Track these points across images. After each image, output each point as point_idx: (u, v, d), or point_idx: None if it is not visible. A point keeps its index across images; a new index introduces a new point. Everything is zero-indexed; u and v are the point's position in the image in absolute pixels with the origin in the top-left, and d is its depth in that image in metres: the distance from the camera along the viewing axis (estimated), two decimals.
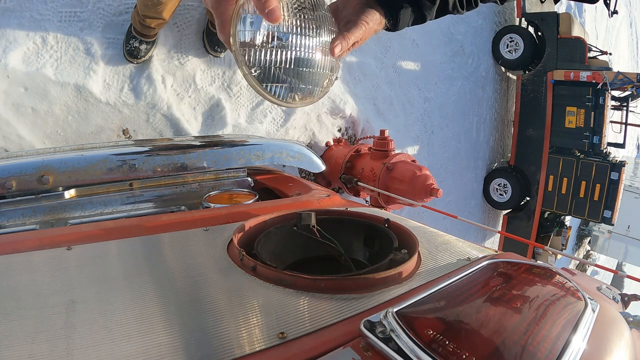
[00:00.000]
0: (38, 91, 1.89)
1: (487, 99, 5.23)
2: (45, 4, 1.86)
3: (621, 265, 9.93)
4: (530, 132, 5.24)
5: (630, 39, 12.54)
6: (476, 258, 0.76)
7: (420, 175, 2.35)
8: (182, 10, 2.23)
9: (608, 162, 4.83)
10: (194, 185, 1.24)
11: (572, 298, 0.64)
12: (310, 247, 0.81)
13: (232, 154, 1.26)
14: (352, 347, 0.47)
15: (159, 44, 2.18)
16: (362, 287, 0.62)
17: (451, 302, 0.57)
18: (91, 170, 1.08)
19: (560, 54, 4.94)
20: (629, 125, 5.28)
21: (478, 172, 5.37)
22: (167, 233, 0.81)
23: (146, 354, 0.45)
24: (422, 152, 4.24)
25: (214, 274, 0.65)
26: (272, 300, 0.58)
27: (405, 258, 0.71)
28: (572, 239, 7.49)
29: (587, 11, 7.92)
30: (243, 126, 2.59)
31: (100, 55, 2.02)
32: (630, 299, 0.92)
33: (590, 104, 4.73)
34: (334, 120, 3.21)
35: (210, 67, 2.42)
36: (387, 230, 0.81)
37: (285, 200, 1.13)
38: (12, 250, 0.70)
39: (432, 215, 3.62)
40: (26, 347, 0.46)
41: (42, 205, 1.04)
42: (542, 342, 0.50)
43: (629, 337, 0.61)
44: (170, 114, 2.28)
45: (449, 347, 0.45)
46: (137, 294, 0.58)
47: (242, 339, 0.49)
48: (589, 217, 5.09)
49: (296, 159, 1.39)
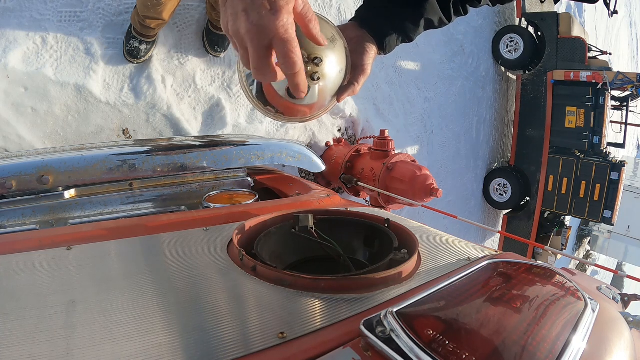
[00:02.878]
0: (38, 91, 1.89)
1: (487, 99, 5.23)
2: (45, 4, 1.86)
3: (621, 265, 9.93)
4: (530, 132, 5.24)
5: (630, 39, 12.53)
6: (476, 258, 0.76)
7: (420, 175, 2.35)
8: (182, 10, 2.23)
9: (608, 162, 4.83)
10: (194, 185, 1.23)
11: (572, 298, 0.64)
12: (310, 247, 0.81)
13: (232, 154, 1.25)
14: (352, 347, 0.47)
15: (159, 44, 2.18)
16: (362, 287, 0.62)
17: (451, 302, 0.57)
18: (91, 170, 1.08)
19: (560, 54, 4.94)
20: (629, 125, 5.28)
21: (478, 172, 5.37)
22: (167, 233, 0.81)
23: (146, 354, 0.45)
24: (422, 152, 4.24)
25: (214, 274, 0.65)
26: (272, 300, 0.58)
27: (405, 258, 0.71)
28: (572, 239, 7.49)
29: (587, 11, 7.92)
30: (243, 126, 2.59)
31: (100, 55, 2.01)
32: (630, 299, 0.92)
33: (590, 104, 4.73)
34: (334, 120, 3.21)
35: (210, 67, 2.42)
36: (387, 230, 0.81)
37: (285, 200, 1.13)
38: (12, 250, 0.70)
39: (432, 215, 3.62)
40: (26, 347, 0.46)
41: (42, 205, 1.04)
42: (542, 342, 0.49)
43: (629, 337, 0.61)
44: (170, 114, 2.28)
45: (449, 347, 0.45)
46: (137, 294, 0.58)
47: (242, 339, 0.49)
48: (589, 217, 5.09)
49: (296, 159, 1.39)
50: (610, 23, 9.56)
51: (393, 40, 0.77)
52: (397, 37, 0.77)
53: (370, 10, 0.77)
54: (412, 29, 0.78)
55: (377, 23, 0.75)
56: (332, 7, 3.16)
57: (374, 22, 0.75)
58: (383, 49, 0.76)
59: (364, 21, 0.75)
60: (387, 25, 0.75)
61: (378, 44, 0.75)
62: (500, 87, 5.46)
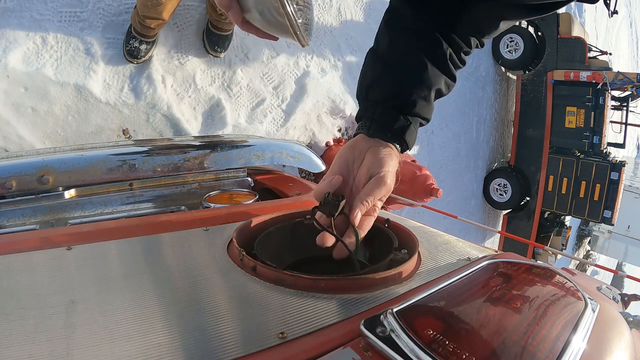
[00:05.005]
0: (38, 91, 1.89)
1: (487, 99, 5.23)
2: (45, 4, 1.86)
3: (621, 265, 9.93)
4: (530, 132, 5.24)
5: (630, 39, 12.54)
6: (476, 258, 0.76)
7: (420, 175, 2.35)
8: (182, 10, 2.23)
9: (608, 162, 4.84)
10: (194, 185, 1.23)
11: (572, 298, 0.64)
12: (311, 247, 0.81)
13: (232, 154, 1.25)
14: (352, 347, 0.47)
15: (159, 44, 2.18)
16: (362, 287, 0.61)
17: (451, 302, 0.57)
18: (91, 170, 1.08)
19: (560, 54, 4.94)
20: (629, 125, 5.29)
21: (478, 172, 5.37)
22: (167, 233, 0.81)
23: (146, 354, 0.45)
24: (422, 152, 4.25)
25: (214, 274, 0.65)
26: (272, 300, 0.58)
27: (405, 258, 0.71)
28: (572, 239, 7.49)
29: (587, 11, 7.92)
30: (243, 126, 2.59)
31: (100, 55, 2.02)
32: (630, 299, 0.92)
33: (590, 104, 4.74)
34: (334, 120, 3.21)
35: (210, 67, 2.42)
36: (387, 230, 0.81)
37: (285, 200, 1.13)
38: (12, 250, 0.70)
39: (432, 215, 3.62)
40: (26, 347, 0.46)
41: (42, 205, 1.04)
42: (542, 342, 0.49)
43: (629, 337, 0.61)
44: (170, 114, 2.28)
45: (449, 347, 0.45)
46: (137, 294, 0.58)
47: (242, 339, 0.49)
48: (589, 217, 5.09)
49: (296, 159, 1.39)
50: (610, 23, 9.56)
51: (412, 131, 0.69)
52: (415, 125, 0.69)
53: (372, 109, 0.69)
54: (426, 108, 0.69)
55: (386, 123, 0.67)
56: (332, 7, 3.16)
57: (384, 123, 0.67)
58: (404, 146, 0.69)
59: (373, 127, 0.68)
60: (399, 117, 0.67)
61: (398, 143, 0.68)
62: (500, 87, 5.46)
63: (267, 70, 2.70)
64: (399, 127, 0.67)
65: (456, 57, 0.70)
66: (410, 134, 0.68)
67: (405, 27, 0.68)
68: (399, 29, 0.69)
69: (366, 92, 0.70)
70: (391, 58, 0.68)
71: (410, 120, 0.68)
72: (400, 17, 0.70)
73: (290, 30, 0.59)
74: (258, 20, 0.61)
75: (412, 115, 0.68)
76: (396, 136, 0.68)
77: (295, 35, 0.59)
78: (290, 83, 2.84)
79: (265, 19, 0.60)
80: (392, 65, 0.68)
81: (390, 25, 0.70)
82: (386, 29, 0.70)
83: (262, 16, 0.60)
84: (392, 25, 0.70)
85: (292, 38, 0.60)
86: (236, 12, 0.59)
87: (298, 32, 0.59)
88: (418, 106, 0.67)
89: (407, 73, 0.67)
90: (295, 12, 0.57)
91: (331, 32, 3.15)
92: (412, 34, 0.68)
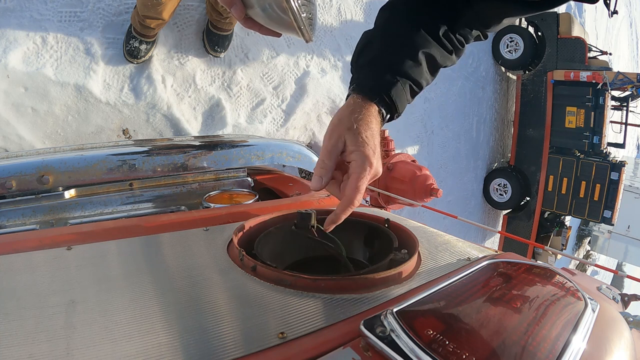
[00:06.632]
0: (38, 91, 1.89)
1: (487, 99, 5.23)
2: (45, 4, 1.86)
3: (621, 265, 9.93)
4: (530, 132, 5.24)
5: (630, 39, 12.53)
6: (476, 258, 0.76)
7: (420, 175, 2.35)
8: (182, 10, 2.23)
9: (608, 162, 4.83)
10: (194, 185, 1.23)
11: (572, 298, 0.64)
12: (311, 247, 0.81)
13: (232, 154, 1.25)
14: (352, 347, 0.47)
15: (159, 44, 2.18)
16: (362, 287, 0.62)
17: (451, 302, 0.57)
18: (91, 170, 1.08)
19: (560, 54, 4.94)
20: (629, 125, 5.28)
21: (478, 172, 5.37)
22: (167, 233, 0.81)
23: (146, 354, 0.45)
24: (422, 152, 4.24)
25: (214, 274, 0.65)
26: (272, 300, 0.58)
27: (405, 258, 0.71)
28: (572, 239, 7.49)
29: (587, 11, 7.91)
30: (243, 126, 2.59)
31: (100, 55, 2.01)
32: (630, 299, 0.92)
33: (590, 104, 4.73)
34: None
35: (210, 67, 2.42)
36: (387, 230, 0.81)
37: (285, 200, 1.13)
38: (12, 250, 0.70)
39: (432, 215, 3.62)
40: (26, 347, 0.46)
41: (42, 205, 1.04)
42: (542, 342, 0.49)
43: (629, 337, 0.61)
44: (170, 114, 2.28)
45: (449, 347, 0.45)
46: (137, 294, 0.58)
47: (242, 339, 0.49)
48: (589, 217, 5.09)
49: (296, 159, 1.39)
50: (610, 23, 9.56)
51: (399, 91, 0.65)
52: (403, 85, 0.66)
53: (359, 71, 0.67)
54: (415, 69, 0.66)
55: (371, 80, 0.65)
56: (332, 7, 3.16)
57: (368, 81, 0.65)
58: (393, 108, 0.66)
59: (357, 87, 0.65)
60: (385, 75, 0.65)
61: (383, 106, 0.65)
62: (500, 87, 5.46)
63: (267, 70, 2.70)
64: (384, 83, 0.65)
65: (452, 35, 0.71)
66: (397, 93, 0.65)
67: (404, 13, 0.70)
68: (397, 12, 0.71)
69: (357, 58, 0.70)
70: (384, 30, 0.69)
71: (398, 79, 0.65)
72: (399, 12, 0.72)
73: (294, 25, 0.58)
74: (261, 16, 0.61)
75: (399, 75, 0.66)
76: (380, 92, 0.65)
77: (299, 30, 0.59)
78: (290, 83, 2.84)
79: (268, 15, 0.60)
80: (383, 33, 0.69)
81: (386, 15, 0.72)
82: (381, 15, 0.72)
83: (265, 12, 0.60)
84: (390, 14, 0.72)
85: (296, 34, 0.60)
86: (239, 8, 0.59)
87: (302, 27, 0.58)
88: (405, 65, 0.66)
89: (397, 37, 0.67)
90: (299, 7, 0.57)
91: (331, 32, 3.15)
92: (408, 13, 0.70)
